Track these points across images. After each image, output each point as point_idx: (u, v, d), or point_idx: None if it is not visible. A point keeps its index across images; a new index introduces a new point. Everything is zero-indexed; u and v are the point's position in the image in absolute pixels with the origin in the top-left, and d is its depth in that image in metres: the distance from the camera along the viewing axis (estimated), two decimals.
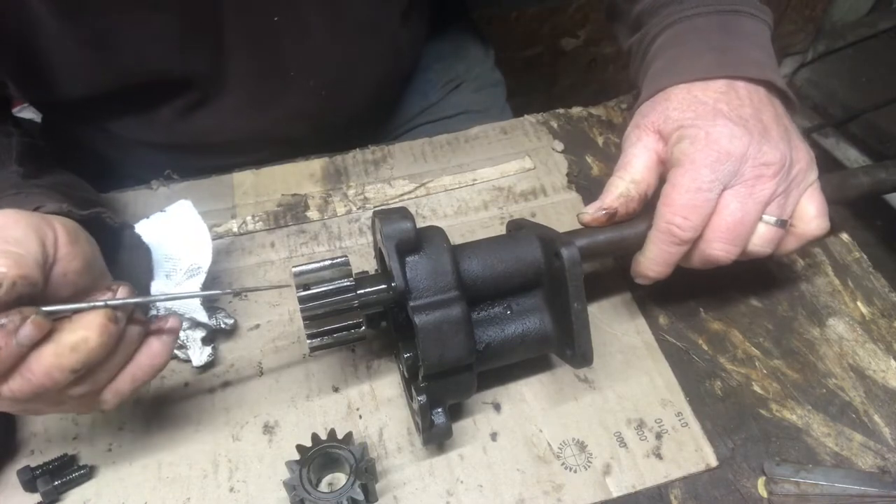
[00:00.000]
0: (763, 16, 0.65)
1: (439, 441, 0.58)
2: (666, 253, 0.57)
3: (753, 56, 0.62)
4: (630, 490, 0.56)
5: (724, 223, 0.55)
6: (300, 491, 0.52)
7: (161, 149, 0.84)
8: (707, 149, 0.55)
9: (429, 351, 0.51)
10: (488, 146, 0.86)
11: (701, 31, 0.64)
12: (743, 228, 0.56)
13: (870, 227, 2.02)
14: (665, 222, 0.56)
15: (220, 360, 0.65)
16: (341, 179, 0.81)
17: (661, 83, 0.62)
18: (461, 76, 1.05)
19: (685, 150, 0.57)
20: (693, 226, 0.56)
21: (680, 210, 0.55)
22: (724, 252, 0.56)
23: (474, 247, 0.58)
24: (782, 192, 0.57)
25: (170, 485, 0.57)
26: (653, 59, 0.66)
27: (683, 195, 0.55)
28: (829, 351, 0.66)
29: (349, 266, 0.53)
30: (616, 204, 0.59)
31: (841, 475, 0.57)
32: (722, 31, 0.63)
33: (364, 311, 0.54)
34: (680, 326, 0.68)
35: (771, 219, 0.57)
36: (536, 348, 0.59)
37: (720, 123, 0.56)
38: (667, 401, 0.62)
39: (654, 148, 0.60)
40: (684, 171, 0.56)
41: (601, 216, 0.60)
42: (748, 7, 0.65)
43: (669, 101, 0.60)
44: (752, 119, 0.57)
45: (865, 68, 2.06)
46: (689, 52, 0.63)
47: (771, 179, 0.55)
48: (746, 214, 0.55)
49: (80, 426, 0.60)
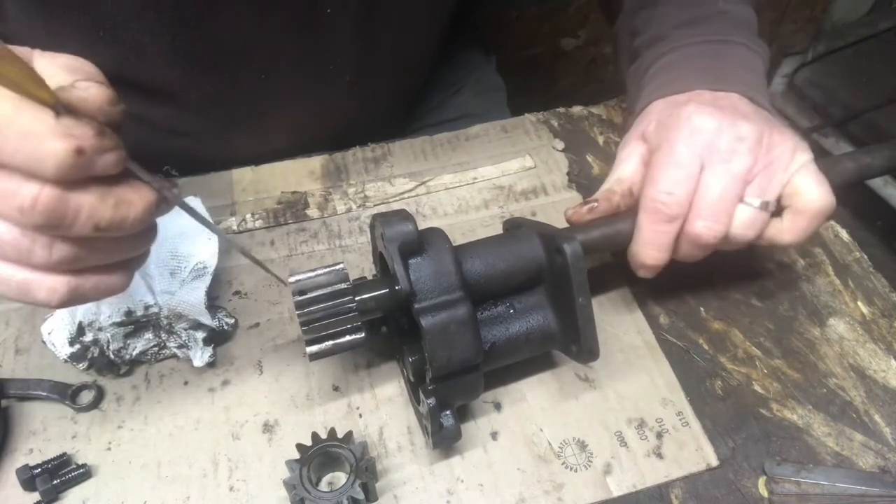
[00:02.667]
0: (756, 48, 0.68)
1: (449, 444, 0.57)
2: (656, 233, 0.58)
3: (740, 76, 0.64)
4: (631, 489, 0.56)
5: (704, 200, 0.57)
6: (300, 490, 0.52)
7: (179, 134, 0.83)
8: (680, 128, 0.58)
9: (436, 353, 0.51)
10: (489, 144, 0.86)
11: (690, 57, 0.67)
12: (723, 204, 0.56)
13: (870, 227, 2.02)
14: (650, 200, 0.58)
15: (220, 359, 0.64)
16: (341, 177, 0.81)
17: (648, 100, 0.66)
18: (462, 80, 1.05)
19: (661, 135, 0.60)
20: (678, 200, 0.57)
21: (663, 186, 0.57)
22: (707, 230, 0.57)
23: (476, 246, 0.58)
24: (762, 169, 0.57)
25: (169, 484, 0.57)
26: (645, 86, 0.69)
27: (663, 172, 0.58)
28: (830, 351, 0.66)
29: (346, 272, 0.53)
30: (599, 196, 0.62)
31: (841, 475, 0.57)
32: (711, 57, 0.67)
33: (363, 316, 0.54)
34: (680, 326, 0.68)
35: (754, 200, 0.57)
36: (541, 345, 0.59)
37: (691, 106, 0.59)
38: (667, 400, 0.62)
39: (639, 152, 0.64)
40: (662, 153, 0.59)
41: (583, 209, 0.62)
42: (741, 38, 0.68)
43: (651, 112, 0.64)
44: (727, 107, 0.59)
45: (865, 68, 2.06)
46: (677, 75, 0.66)
47: (747, 154, 0.56)
48: (725, 189, 0.56)
49: (79, 425, 0.60)
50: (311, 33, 0.75)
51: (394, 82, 0.91)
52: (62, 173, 0.35)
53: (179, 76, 0.74)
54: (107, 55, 0.68)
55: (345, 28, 0.76)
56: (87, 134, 0.36)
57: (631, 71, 0.75)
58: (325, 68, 0.80)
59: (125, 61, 0.70)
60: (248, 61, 0.75)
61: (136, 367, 0.64)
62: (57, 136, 0.35)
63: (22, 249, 0.38)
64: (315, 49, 0.77)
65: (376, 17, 0.77)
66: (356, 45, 0.79)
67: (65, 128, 0.35)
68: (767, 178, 0.57)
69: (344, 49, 0.79)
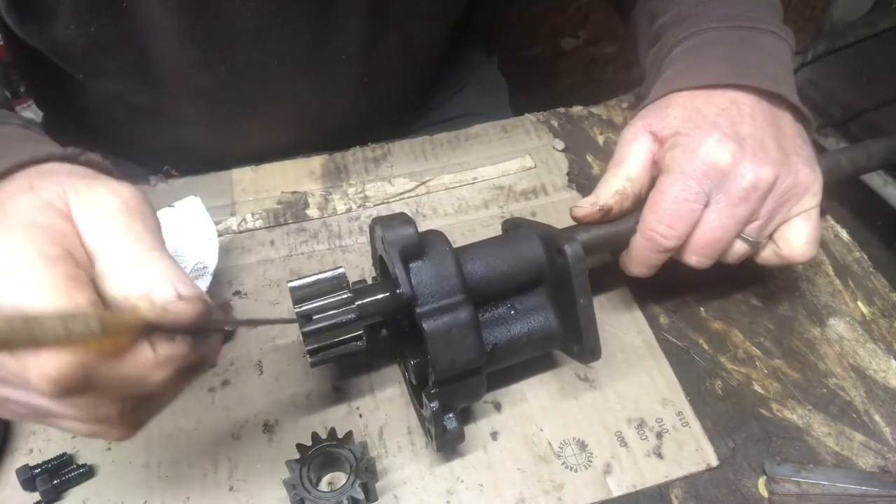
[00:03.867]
0: (784, 35, 0.65)
1: (452, 446, 0.57)
2: (649, 258, 0.59)
3: (768, 69, 0.61)
4: (631, 489, 0.56)
5: (703, 238, 0.57)
6: (300, 490, 0.52)
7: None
8: (697, 160, 0.55)
9: (439, 356, 0.51)
10: (489, 144, 0.86)
11: (715, 43, 0.64)
12: (720, 245, 0.57)
13: (870, 227, 2.02)
14: (650, 230, 0.57)
15: (220, 359, 0.64)
16: (341, 177, 0.81)
17: (667, 88, 0.62)
18: (464, 79, 1.05)
19: (676, 159, 0.57)
20: (677, 235, 0.56)
21: (665, 219, 0.56)
22: (698, 263, 0.59)
23: (476, 248, 0.58)
24: (766, 213, 0.57)
25: (169, 484, 0.57)
26: (665, 69, 0.66)
27: (670, 204, 0.56)
28: (830, 351, 0.66)
29: (346, 278, 0.53)
30: (612, 202, 0.59)
31: (841, 475, 0.57)
32: (737, 44, 0.63)
33: (364, 322, 0.53)
34: (680, 326, 0.68)
35: (749, 238, 0.58)
36: (542, 346, 0.59)
37: (714, 137, 0.56)
38: (667, 400, 0.62)
39: (650, 149, 0.60)
40: (673, 180, 0.56)
41: (596, 213, 0.59)
42: (768, 25, 0.64)
43: (670, 107, 0.60)
44: (749, 138, 0.56)
45: (865, 68, 2.06)
46: (700, 61, 0.63)
47: (757, 202, 0.56)
48: (726, 232, 0.57)
49: None
50: (324, 19, 0.75)
51: (401, 78, 0.91)
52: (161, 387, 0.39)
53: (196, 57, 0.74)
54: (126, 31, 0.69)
55: (357, 15, 0.76)
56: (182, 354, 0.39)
57: (651, 54, 0.71)
58: (336, 58, 0.80)
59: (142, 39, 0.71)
60: (262, 44, 0.75)
61: None
62: (159, 368, 0.37)
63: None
64: (327, 37, 0.77)
65: (388, 6, 0.77)
66: (367, 34, 0.79)
67: (164, 359, 0.38)
68: (768, 219, 0.57)
69: (355, 37, 0.79)
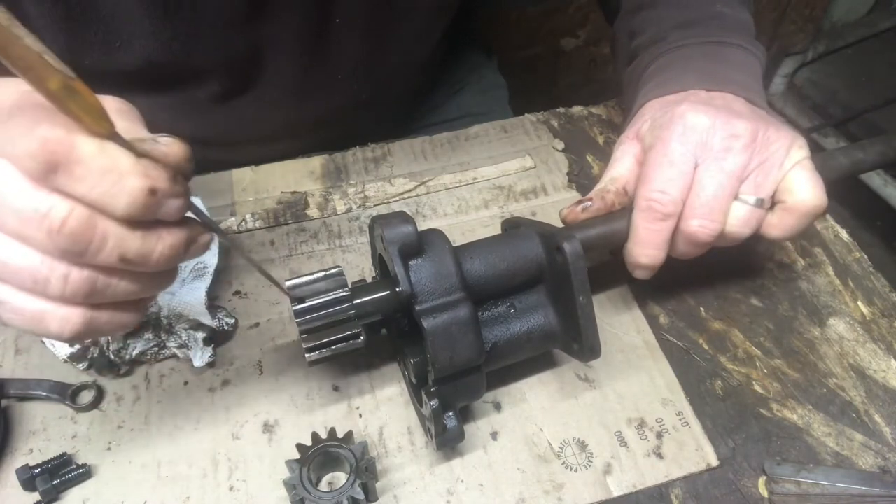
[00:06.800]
0: (753, 49, 0.68)
1: (452, 445, 0.57)
2: (651, 231, 0.58)
3: (736, 77, 0.64)
4: (631, 489, 0.56)
5: (699, 199, 0.56)
6: (300, 490, 0.52)
7: None
8: (673, 126, 0.58)
9: (439, 354, 0.51)
10: (489, 144, 0.86)
11: (687, 58, 0.68)
12: (717, 203, 0.56)
13: (870, 227, 2.02)
14: (644, 199, 0.58)
15: (220, 359, 0.64)
16: (341, 177, 0.81)
17: (643, 101, 0.66)
18: (464, 80, 1.06)
19: (655, 134, 0.60)
20: (672, 199, 0.56)
21: (657, 185, 0.57)
22: (702, 228, 0.56)
23: (475, 247, 0.58)
24: (756, 166, 0.57)
25: (169, 484, 0.57)
26: (642, 86, 0.69)
27: (657, 170, 0.57)
28: (830, 351, 0.66)
29: (344, 276, 0.53)
30: (593, 195, 0.62)
31: (842, 475, 0.57)
32: (706, 58, 0.67)
33: (362, 320, 0.53)
34: (680, 326, 0.68)
35: (749, 198, 0.57)
36: (542, 345, 0.59)
37: (686, 106, 0.59)
38: (667, 400, 0.62)
39: (633, 152, 0.64)
40: (656, 151, 0.59)
41: (577, 208, 0.62)
42: (737, 40, 0.68)
43: (646, 112, 0.64)
44: (721, 106, 0.59)
45: (865, 68, 2.07)
46: (673, 76, 0.66)
47: (741, 152, 0.56)
48: (720, 187, 0.56)
49: (79, 425, 0.60)
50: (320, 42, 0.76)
51: (399, 86, 0.91)
52: (132, 211, 0.37)
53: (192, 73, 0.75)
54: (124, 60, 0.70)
55: (353, 38, 0.77)
56: (162, 177, 0.37)
57: (628, 71, 0.75)
58: (333, 77, 0.81)
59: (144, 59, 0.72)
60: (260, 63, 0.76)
61: (136, 367, 0.64)
62: (136, 175, 0.36)
63: (39, 279, 0.38)
64: (323, 59, 0.78)
65: (384, 27, 0.78)
66: (363, 53, 0.80)
67: (143, 168, 0.37)
68: (763, 175, 0.57)
69: (352, 58, 0.80)
